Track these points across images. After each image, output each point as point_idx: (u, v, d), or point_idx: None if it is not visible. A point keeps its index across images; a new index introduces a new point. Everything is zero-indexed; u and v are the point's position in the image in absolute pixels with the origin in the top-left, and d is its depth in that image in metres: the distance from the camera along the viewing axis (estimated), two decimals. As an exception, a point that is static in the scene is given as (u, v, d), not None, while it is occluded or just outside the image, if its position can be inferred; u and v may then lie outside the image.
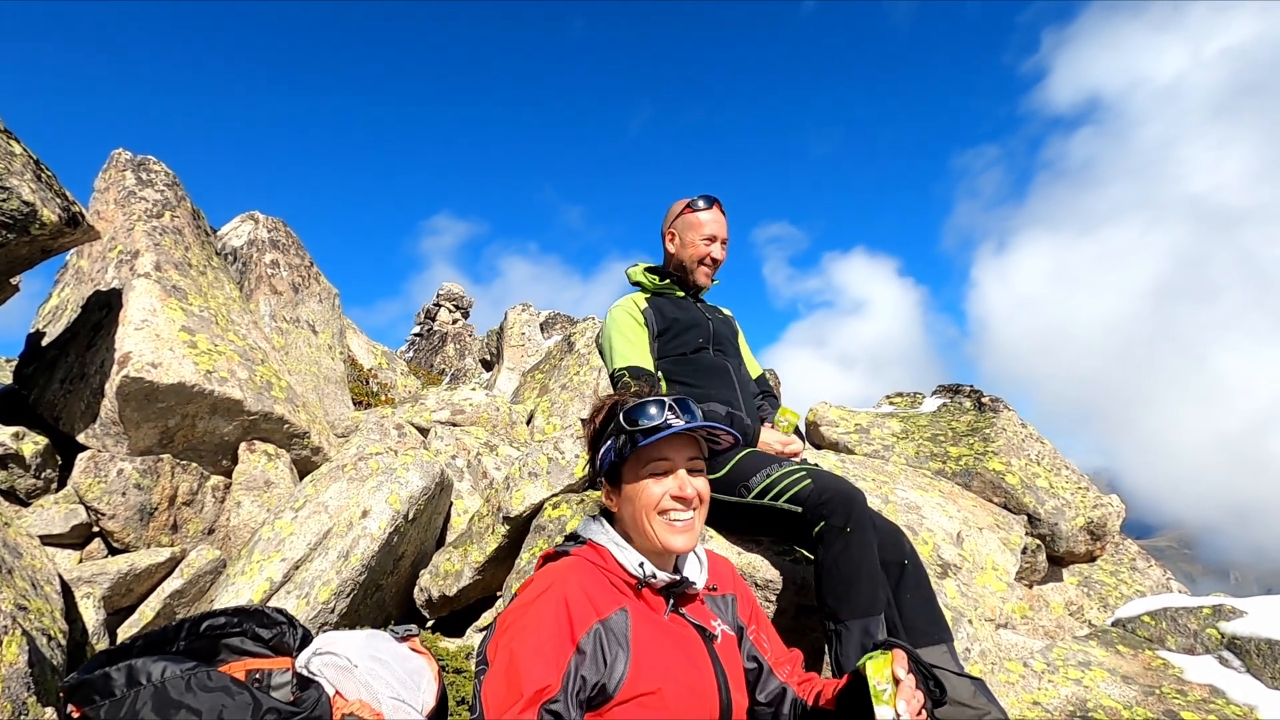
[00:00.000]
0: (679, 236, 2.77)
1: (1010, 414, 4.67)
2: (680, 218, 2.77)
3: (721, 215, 2.77)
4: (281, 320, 5.91)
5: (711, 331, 2.76)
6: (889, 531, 2.16)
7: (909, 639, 1.99)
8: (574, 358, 7.24)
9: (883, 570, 2.05)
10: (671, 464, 1.48)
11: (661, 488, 1.46)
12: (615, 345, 2.62)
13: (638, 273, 2.88)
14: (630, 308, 2.72)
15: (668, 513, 1.46)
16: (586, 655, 1.28)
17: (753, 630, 1.60)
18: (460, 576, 3.04)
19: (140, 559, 3.34)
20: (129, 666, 1.11)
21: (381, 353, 7.97)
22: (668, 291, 2.82)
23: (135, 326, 3.81)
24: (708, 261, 2.76)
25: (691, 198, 2.76)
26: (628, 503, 1.49)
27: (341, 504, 3.09)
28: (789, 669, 1.60)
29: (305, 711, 1.13)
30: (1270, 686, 2.36)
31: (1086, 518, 3.71)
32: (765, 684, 1.55)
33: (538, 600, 1.34)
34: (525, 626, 1.29)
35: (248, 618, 1.46)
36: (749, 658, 1.56)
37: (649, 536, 1.46)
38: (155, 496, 3.64)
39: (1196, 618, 2.68)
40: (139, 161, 5.06)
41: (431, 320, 22.71)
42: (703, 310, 2.83)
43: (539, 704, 1.20)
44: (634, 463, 1.48)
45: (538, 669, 1.23)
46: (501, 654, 1.28)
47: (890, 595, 2.04)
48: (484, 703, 1.24)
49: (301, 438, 4.28)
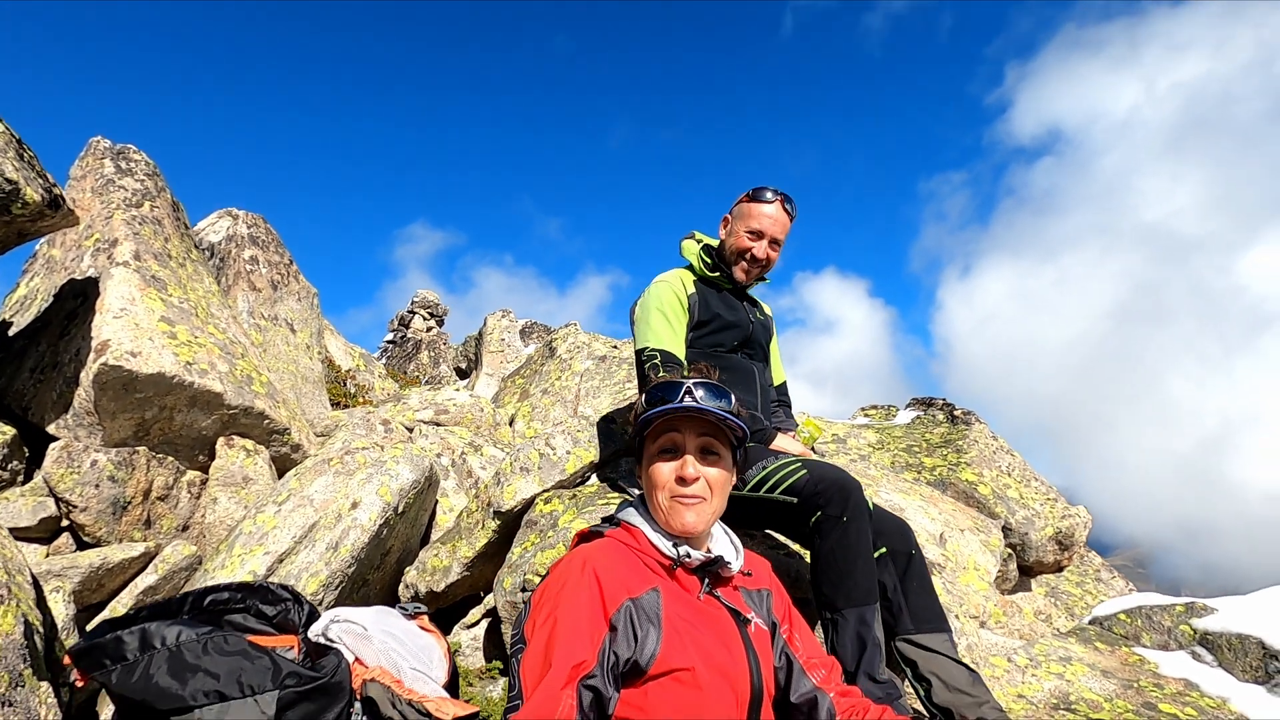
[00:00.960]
0: (731, 224, 2.63)
1: (982, 426, 4.81)
2: (740, 205, 2.61)
3: (784, 215, 2.56)
4: (260, 317, 5.80)
5: (749, 335, 2.66)
6: (895, 524, 2.19)
7: (914, 625, 2.02)
8: (555, 363, 7.23)
9: (890, 559, 2.08)
10: (681, 444, 1.49)
11: (669, 467, 1.48)
12: (652, 322, 2.49)
13: (692, 249, 2.70)
14: (678, 286, 2.57)
15: (677, 494, 1.47)
16: (618, 632, 1.29)
17: (785, 629, 1.60)
18: (448, 572, 3.01)
19: (112, 553, 3.23)
20: (142, 630, 1.08)
21: (359, 355, 7.86)
22: (717, 282, 2.67)
23: (114, 315, 3.71)
24: (748, 257, 2.58)
25: (762, 186, 2.56)
26: (649, 484, 1.51)
27: (328, 497, 3.04)
28: (824, 673, 1.57)
29: (326, 677, 1.11)
30: (1241, 680, 2.45)
31: (1055, 528, 3.82)
32: (798, 684, 1.53)
33: (572, 579, 1.34)
34: (560, 604, 1.29)
35: (252, 593, 1.43)
36: (780, 654, 1.55)
37: (661, 515, 1.48)
38: (129, 490, 3.53)
39: (1170, 615, 2.77)
40: (118, 150, 4.95)
41: (405, 327, 22.42)
42: (747, 310, 2.70)
43: (577, 679, 1.20)
44: (649, 441, 1.52)
45: (575, 645, 1.23)
46: (539, 632, 1.28)
47: (897, 583, 2.07)
48: (523, 680, 1.24)
49: (282, 434, 4.19)
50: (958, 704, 1.87)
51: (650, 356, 2.43)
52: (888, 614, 2.06)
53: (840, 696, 1.54)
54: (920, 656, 1.99)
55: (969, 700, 1.87)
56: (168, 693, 1.04)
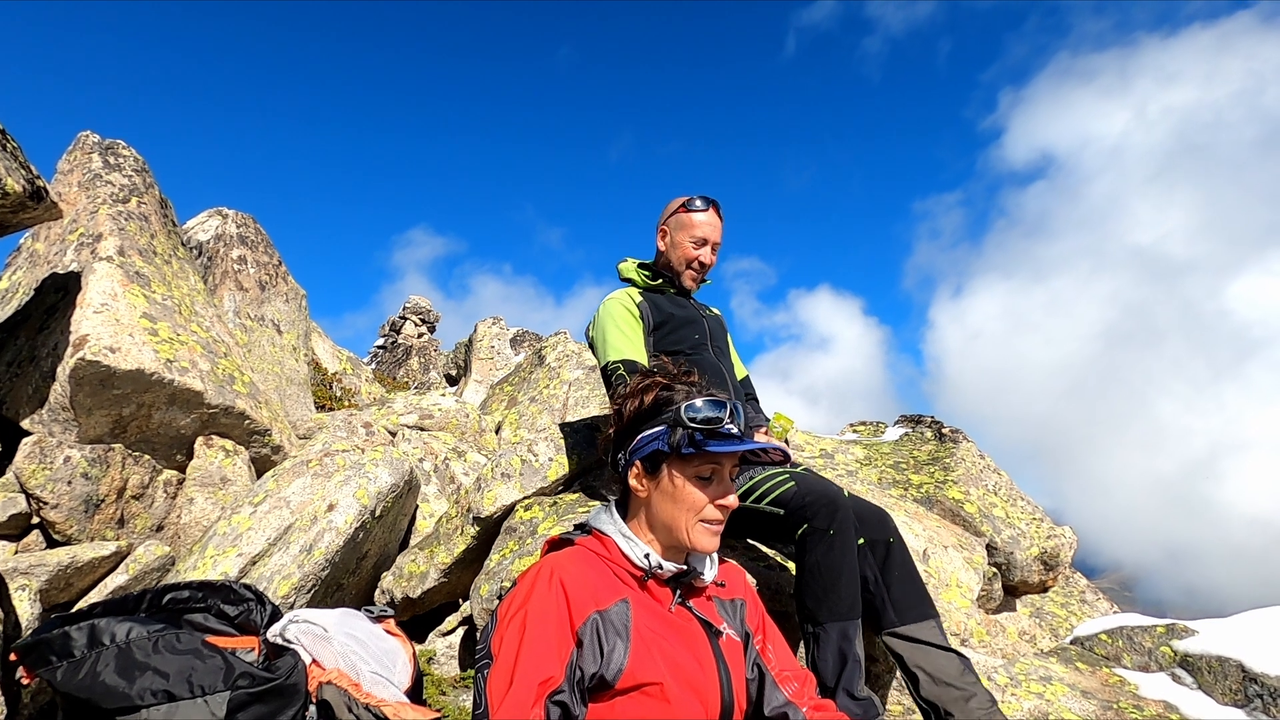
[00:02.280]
0: (670, 235, 2.71)
1: (969, 445, 4.82)
2: (675, 216, 2.70)
3: (717, 219, 2.70)
4: (246, 317, 5.75)
5: (707, 329, 2.71)
6: (872, 513, 2.14)
7: (898, 616, 1.98)
8: (544, 371, 7.19)
9: (869, 550, 2.04)
10: (720, 469, 1.43)
11: (706, 494, 1.41)
12: (610, 338, 2.54)
13: (629, 268, 2.81)
14: (625, 300, 2.65)
15: (710, 519, 1.41)
16: (584, 647, 1.25)
17: (759, 639, 1.55)
18: (425, 578, 2.96)
19: (83, 552, 3.16)
20: (91, 626, 1.04)
21: (347, 358, 7.80)
22: (661, 288, 2.76)
23: (94, 310, 3.66)
24: (695, 265, 2.70)
25: (690, 196, 2.67)
26: (666, 498, 1.42)
27: (305, 499, 2.99)
28: (796, 686, 1.52)
29: (280, 678, 1.07)
30: (1220, 703, 2.43)
31: (1041, 547, 3.82)
32: (770, 697, 1.49)
33: (539, 591, 1.29)
34: (528, 617, 1.25)
35: (213, 592, 1.39)
36: (752, 666, 1.50)
37: (682, 535, 1.41)
38: (103, 488, 3.47)
39: (1151, 636, 2.76)
40: (107, 145, 4.91)
41: (396, 333, 22.34)
42: (696, 308, 2.78)
43: (544, 697, 1.17)
44: (684, 461, 1.41)
45: (542, 661, 1.20)
46: (506, 647, 1.24)
47: (878, 575, 2.03)
48: (489, 697, 1.20)
49: (262, 435, 4.14)
50: (945, 698, 1.84)
51: (615, 368, 2.47)
52: (871, 609, 2.02)
53: (814, 710, 1.50)
54: (907, 649, 1.95)
55: (957, 694, 1.84)
56: (114, 691, 1.00)
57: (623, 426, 1.49)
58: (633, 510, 1.48)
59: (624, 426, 1.49)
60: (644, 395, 1.48)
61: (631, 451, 1.46)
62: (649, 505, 1.45)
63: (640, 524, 1.46)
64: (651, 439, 1.43)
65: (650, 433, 1.44)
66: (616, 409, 1.53)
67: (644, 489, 1.45)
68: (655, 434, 1.43)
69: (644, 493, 1.45)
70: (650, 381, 1.50)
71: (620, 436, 1.50)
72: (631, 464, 1.46)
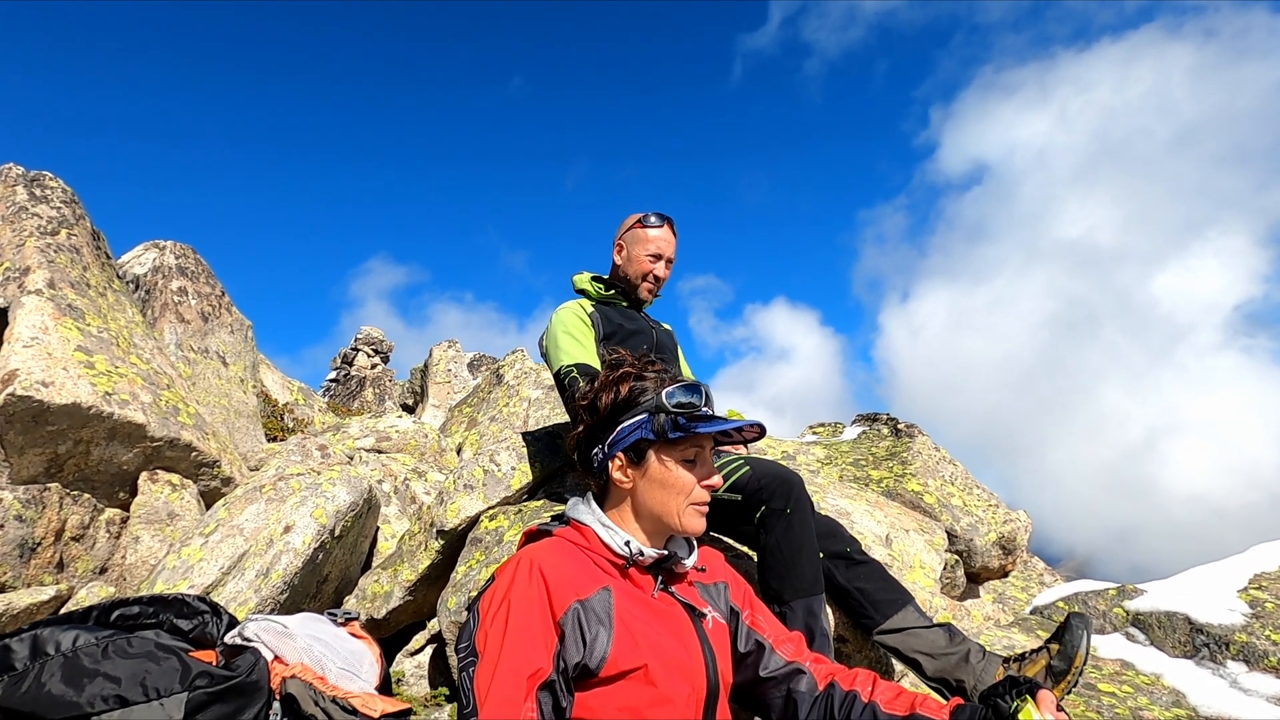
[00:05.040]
0: (626, 250, 2.80)
1: (924, 439, 4.98)
2: (630, 231, 2.81)
3: (672, 234, 2.81)
4: (189, 350, 5.55)
5: (655, 341, 2.80)
6: (826, 524, 2.20)
7: (879, 614, 2.03)
8: (503, 390, 7.12)
9: (831, 566, 2.10)
10: (703, 451, 1.45)
11: (694, 475, 1.43)
12: (562, 344, 2.60)
13: (583, 280, 2.89)
14: (577, 310, 2.72)
15: (698, 501, 1.43)
16: (566, 636, 1.24)
17: (748, 615, 1.57)
18: (390, 598, 2.88)
19: (19, 598, 2.98)
20: (34, 636, 0.99)
21: (298, 389, 7.58)
22: (613, 301, 2.84)
23: (24, 344, 3.50)
24: (650, 279, 2.79)
25: (645, 213, 2.78)
26: (654, 485, 1.43)
27: (259, 525, 2.89)
28: (792, 647, 1.55)
29: (241, 675, 1.03)
30: (1172, 655, 2.55)
31: (998, 533, 3.95)
32: (769, 661, 1.51)
33: (520, 582, 1.28)
34: (511, 610, 1.24)
35: (165, 607, 1.33)
36: (748, 640, 1.53)
37: (674, 520, 1.42)
38: (39, 530, 3.29)
39: (1104, 599, 2.87)
40: (32, 177, 4.72)
41: (349, 365, 21.82)
42: (646, 320, 2.88)
43: (535, 688, 1.16)
44: (670, 446, 1.43)
45: (530, 653, 1.19)
46: (491, 642, 1.22)
47: (847, 583, 2.09)
48: (477, 695, 1.18)
49: (211, 467, 3.99)
50: (949, 669, 1.90)
51: (567, 372, 2.51)
52: (854, 615, 2.09)
53: (815, 664, 1.53)
54: (898, 639, 2.01)
55: (956, 659, 1.90)
56: (61, 700, 0.94)
57: (598, 420, 1.48)
58: (612, 501, 1.48)
59: (600, 420, 1.48)
60: (619, 386, 1.48)
61: (611, 444, 1.45)
62: (634, 495, 1.44)
63: (622, 514, 1.46)
64: (634, 428, 1.43)
65: (631, 422, 1.43)
66: (587, 405, 1.52)
67: (628, 479, 1.44)
68: (637, 423, 1.43)
69: (628, 484, 1.44)
70: (622, 373, 1.50)
71: (595, 431, 1.49)
72: (613, 456, 1.45)
